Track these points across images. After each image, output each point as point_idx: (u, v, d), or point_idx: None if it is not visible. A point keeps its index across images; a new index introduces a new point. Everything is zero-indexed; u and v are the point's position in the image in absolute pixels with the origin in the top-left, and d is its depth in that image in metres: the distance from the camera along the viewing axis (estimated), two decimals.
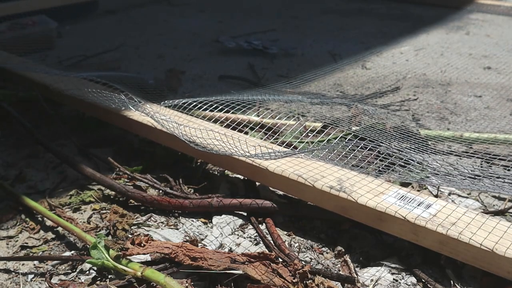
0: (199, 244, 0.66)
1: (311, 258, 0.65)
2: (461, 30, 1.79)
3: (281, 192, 0.77)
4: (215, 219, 0.72)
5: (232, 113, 0.88)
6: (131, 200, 0.77)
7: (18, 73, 1.10)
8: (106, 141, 0.96)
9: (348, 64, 1.42)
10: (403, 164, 0.71)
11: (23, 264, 0.64)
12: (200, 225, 0.71)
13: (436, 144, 0.92)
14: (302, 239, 0.69)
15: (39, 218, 0.74)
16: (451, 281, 0.60)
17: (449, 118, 1.06)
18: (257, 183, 0.79)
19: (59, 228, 0.71)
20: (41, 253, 0.67)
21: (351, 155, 0.73)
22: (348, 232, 0.69)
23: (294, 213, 0.73)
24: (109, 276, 0.61)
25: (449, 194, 0.78)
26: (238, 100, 0.88)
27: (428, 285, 0.59)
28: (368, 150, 0.72)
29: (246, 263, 0.58)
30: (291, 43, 1.62)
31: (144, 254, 0.61)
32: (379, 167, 0.72)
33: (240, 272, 0.57)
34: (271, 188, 0.78)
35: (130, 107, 0.85)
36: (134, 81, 1.00)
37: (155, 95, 0.96)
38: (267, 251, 0.64)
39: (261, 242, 0.68)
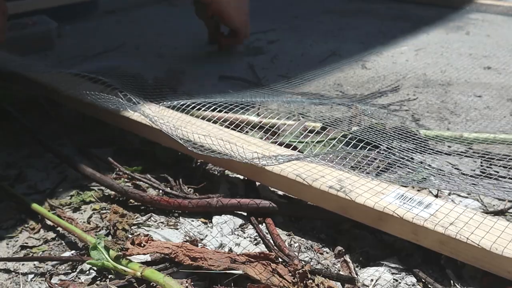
0: (199, 244, 0.66)
1: (311, 258, 0.65)
2: (461, 30, 1.79)
3: (281, 192, 0.77)
4: (215, 219, 0.72)
5: (232, 113, 0.88)
6: (131, 200, 0.77)
7: (18, 73, 1.10)
8: (106, 141, 0.96)
9: (348, 64, 1.42)
10: (402, 166, 0.71)
11: (23, 264, 0.64)
12: (200, 225, 0.71)
13: (436, 144, 0.92)
14: (302, 239, 0.69)
15: (39, 218, 0.74)
16: (451, 281, 0.60)
17: (449, 118, 1.06)
18: (257, 183, 0.79)
19: (59, 228, 0.71)
20: (41, 253, 0.67)
21: (350, 156, 0.73)
22: (348, 232, 0.69)
23: (294, 213, 0.73)
24: (109, 276, 0.61)
25: (449, 193, 0.78)
26: (237, 102, 0.88)
27: (428, 285, 0.59)
28: (367, 150, 0.72)
29: (246, 263, 0.58)
30: (291, 43, 1.62)
31: (144, 254, 0.61)
32: (378, 167, 0.72)
33: (240, 272, 0.57)
34: (271, 188, 0.78)
35: (129, 109, 0.85)
36: (134, 81, 1.00)
37: (155, 95, 0.96)
38: (267, 251, 0.64)
39: (261, 242, 0.68)
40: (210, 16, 1.41)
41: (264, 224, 0.71)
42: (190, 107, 0.86)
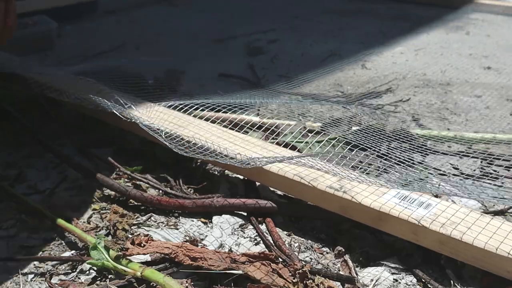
0: (199, 244, 0.66)
1: (311, 258, 0.65)
2: (461, 30, 1.79)
3: (281, 192, 0.77)
4: (215, 219, 0.72)
5: (231, 113, 0.88)
6: (131, 200, 0.77)
7: (18, 73, 1.10)
8: (106, 141, 0.96)
9: (348, 64, 1.42)
10: (402, 167, 0.71)
11: (23, 264, 0.64)
12: (200, 225, 0.71)
13: (435, 144, 0.92)
14: (302, 239, 0.69)
15: (39, 218, 0.73)
16: (451, 281, 0.60)
17: (449, 118, 1.06)
18: (257, 183, 0.79)
19: (59, 228, 0.71)
20: (41, 253, 0.67)
21: (350, 155, 0.73)
22: (348, 232, 0.69)
23: (294, 213, 0.73)
24: (109, 276, 0.61)
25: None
26: (236, 103, 0.88)
27: (428, 285, 0.59)
28: (367, 151, 0.72)
29: (246, 263, 0.58)
30: (291, 43, 1.62)
31: (144, 254, 0.61)
32: (378, 168, 0.72)
33: (240, 272, 0.57)
34: (271, 188, 0.78)
35: (114, 111, 0.84)
36: (134, 81, 0.99)
37: (155, 95, 0.96)
38: (267, 251, 0.64)
39: (261, 242, 0.68)
40: None
41: (264, 224, 0.71)
42: (192, 108, 0.85)
